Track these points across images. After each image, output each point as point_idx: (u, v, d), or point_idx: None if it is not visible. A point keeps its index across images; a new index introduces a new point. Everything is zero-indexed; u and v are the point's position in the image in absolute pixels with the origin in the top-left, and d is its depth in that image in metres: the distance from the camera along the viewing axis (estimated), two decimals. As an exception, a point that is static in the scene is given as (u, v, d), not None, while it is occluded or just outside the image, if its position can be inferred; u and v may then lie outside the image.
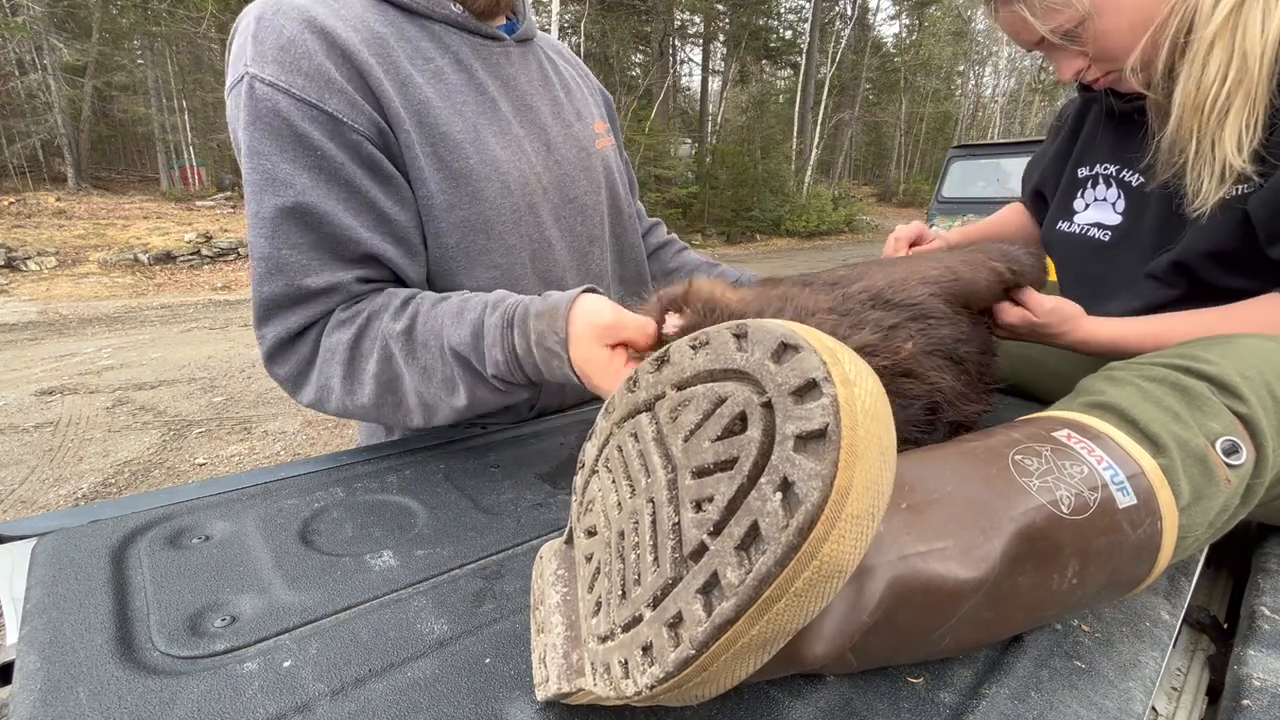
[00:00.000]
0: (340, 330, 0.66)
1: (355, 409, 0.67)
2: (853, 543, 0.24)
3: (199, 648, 0.40)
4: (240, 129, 0.64)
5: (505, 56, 0.81)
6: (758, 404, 0.27)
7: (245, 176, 0.64)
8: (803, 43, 19.73)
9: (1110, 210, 0.85)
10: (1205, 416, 0.42)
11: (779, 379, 0.26)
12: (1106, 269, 0.85)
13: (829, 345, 0.26)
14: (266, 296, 0.65)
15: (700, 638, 0.25)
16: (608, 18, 15.25)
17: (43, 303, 6.58)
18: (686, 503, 0.28)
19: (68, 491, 2.66)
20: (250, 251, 0.66)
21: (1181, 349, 0.50)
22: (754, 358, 0.28)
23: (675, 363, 0.33)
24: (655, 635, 0.27)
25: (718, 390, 0.29)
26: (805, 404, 0.25)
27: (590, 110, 0.94)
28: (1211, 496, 0.41)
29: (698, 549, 0.27)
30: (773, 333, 0.27)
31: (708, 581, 0.26)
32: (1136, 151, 0.78)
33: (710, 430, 0.28)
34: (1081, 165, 0.90)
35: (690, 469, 0.29)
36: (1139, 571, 0.40)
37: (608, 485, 0.36)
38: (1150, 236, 0.79)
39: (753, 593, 0.24)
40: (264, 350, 0.67)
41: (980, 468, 0.40)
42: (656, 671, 0.26)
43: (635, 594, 0.29)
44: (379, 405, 0.66)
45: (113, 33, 13.66)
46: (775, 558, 0.23)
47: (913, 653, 0.37)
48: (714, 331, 0.31)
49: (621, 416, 0.36)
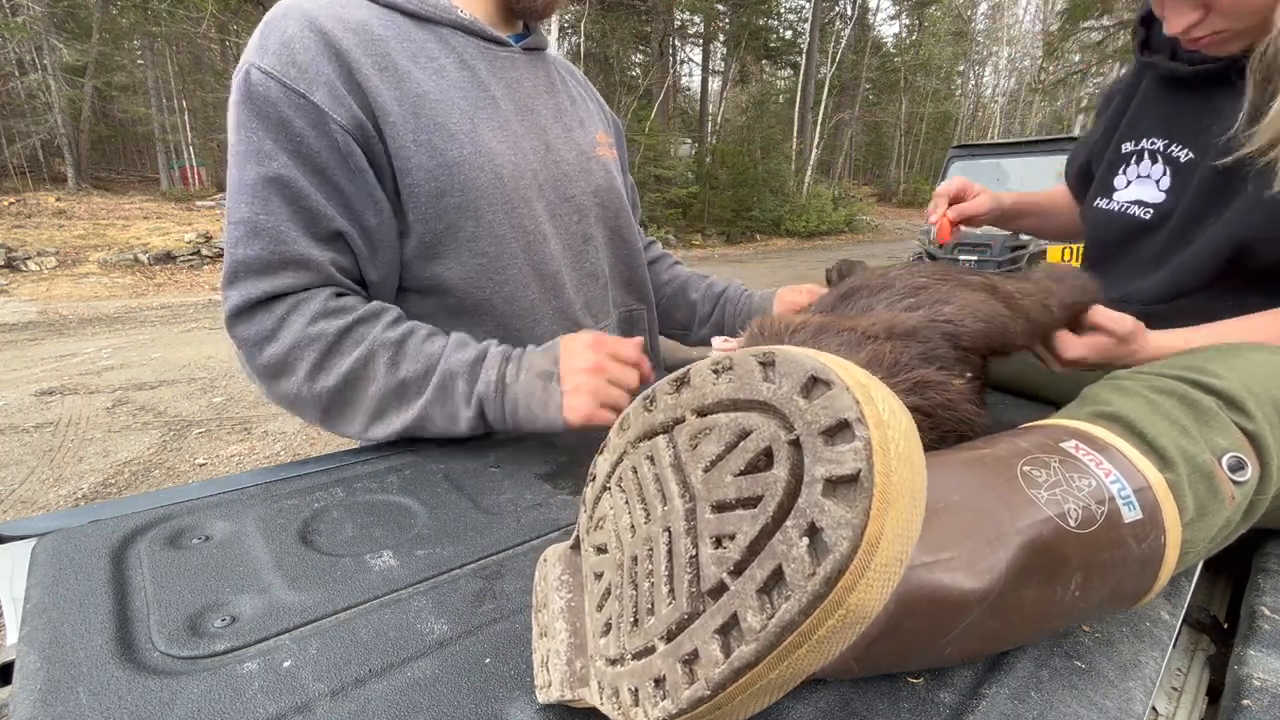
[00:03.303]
0: (328, 320, 0.68)
1: (299, 396, 0.69)
2: (880, 591, 0.23)
3: (199, 648, 0.40)
4: (232, 108, 0.68)
5: (510, 61, 0.84)
6: (785, 441, 0.25)
7: (231, 148, 0.68)
8: (803, 43, 19.72)
9: (1154, 188, 0.81)
10: (1212, 432, 0.42)
11: (808, 416, 0.25)
12: (1140, 249, 0.82)
13: (861, 382, 0.25)
14: (240, 259, 0.67)
15: (717, 679, 0.24)
16: (608, 18, 15.25)
17: (43, 303, 6.57)
18: (705, 537, 0.27)
19: (68, 492, 2.66)
20: (228, 216, 0.68)
21: (1189, 359, 0.49)
22: (781, 391, 0.27)
23: (696, 386, 0.31)
24: (669, 670, 0.27)
25: (741, 422, 0.28)
26: (836, 446, 0.24)
27: (594, 122, 0.96)
28: (1215, 513, 0.40)
29: (717, 587, 0.26)
30: (802, 365, 0.26)
31: (726, 623, 0.25)
32: (1193, 124, 0.75)
33: (733, 464, 0.27)
34: (1127, 140, 0.86)
35: (710, 502, 0.28)
36: (1141, 585, 0.40)
37: (620, 505, 0.35)
38: (1189, 214, 0.76)
39: (774, 640, 0.23)
40: (228, 309, 0.68)
41: (988, 477, 0.39)
42: (669, 706, 0.26)
43: (648, 624, 0.29)
44: (330, 399, 0.69)
45: (113, 33, 13.64)
46: (800, 606, 0.23)
47: (916, 661, 0.37)
48: (739, 358, 0.30)
49: (637, 436, 0.35)
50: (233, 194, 0.68)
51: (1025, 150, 6.12)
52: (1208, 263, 0.74)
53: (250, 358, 0.69)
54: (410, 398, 0.69)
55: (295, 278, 0.68)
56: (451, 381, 0.68)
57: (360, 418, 0.70)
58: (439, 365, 0.69)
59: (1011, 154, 6.19)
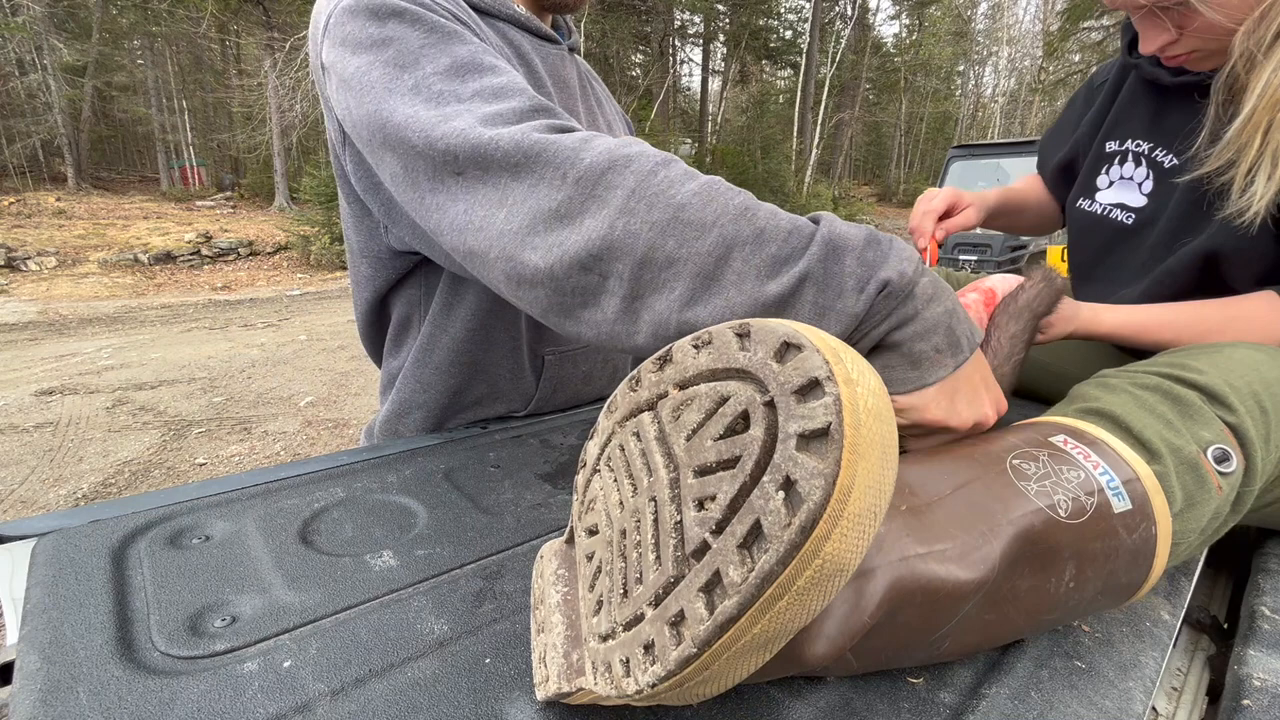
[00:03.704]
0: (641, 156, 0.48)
1: (620, 230, 0.46)
2: (855, 541, 0.24)
3: (199, 648, 0.40)
4: (377, 11, 0.57)
5: (560, 59, 0.84)
6: (760, 403, 0.27)
7: (401, 43, 0.56)
8: (803, 43, 19.73)
9: (1136, 191, 0.81)
10: (1197, 425, 0.43)
11: (781, 378, 0.26)
12: (1124, 255, 0.82)
13: (831, 345, 0.26)
14: (496, 110, 0.52)
15: (702, 636, 0.25)
16: (608, 18, 15.25)
17: (43, 303, 6.58)
18: (689, 501, 0.28)
19: (68, 491, 2.66)
20: (422, 96, 0.54)
21: (1173, 357, 0.51)
22: (756, 357, 0.28)
23: (678, 362, 0.33)
24: (657, 634, 0.27)
25: (720, 389, 0.29)
26: (808, 403, 0.25)
27: (618, 124, 0.97)
28: (1204, 503, 0.42)
29: (700, 547, 0.27)
30: (775, 332, 0.27)
31: (710, 580, 0.26)
32: (1177, 130, 0.75)
33: (713, 429, 0.28)
34: (1111, 139, 0.85)
35: (692, 468, 0.29)
36: (1135, 576, 0.40)
37: (609, 484, 0.36)
38: (1172, 224, 0.76)
39: (755, 591, 0.24)
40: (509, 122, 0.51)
41: (979, 471, 0.40)
42: (658, 670, 0.26)
43: (637, 592, 0.29)
44: (661, 234, 0.45)
45: (113, 33, 13.66)
46: (778, 556, 0.23)
47: (914, 654, 0.37)
48: (716, 331, 0.31)
49: (624, 415, 0.36)
50: (418, 89, 0.54)
51: (1025, 150, 6.13)
52: (1182, 274, 0.74)
53: (532, 154, 0.50)
54: (778, 269, 0.44)
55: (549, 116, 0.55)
56: (838, 254, 0.44)
57: (687, 280, 0.45)
58: (815, 230, 0.45)
59: (1012, 154, 6.20)
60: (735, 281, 0.45)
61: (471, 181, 0.52)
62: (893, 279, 0.44)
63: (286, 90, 11.18)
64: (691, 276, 0.46)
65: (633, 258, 0.46)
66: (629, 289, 0.47)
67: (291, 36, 11.18)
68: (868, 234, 0.46)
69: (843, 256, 0.44)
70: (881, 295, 0.44)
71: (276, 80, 11.28)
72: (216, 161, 15.72)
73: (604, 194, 0.47)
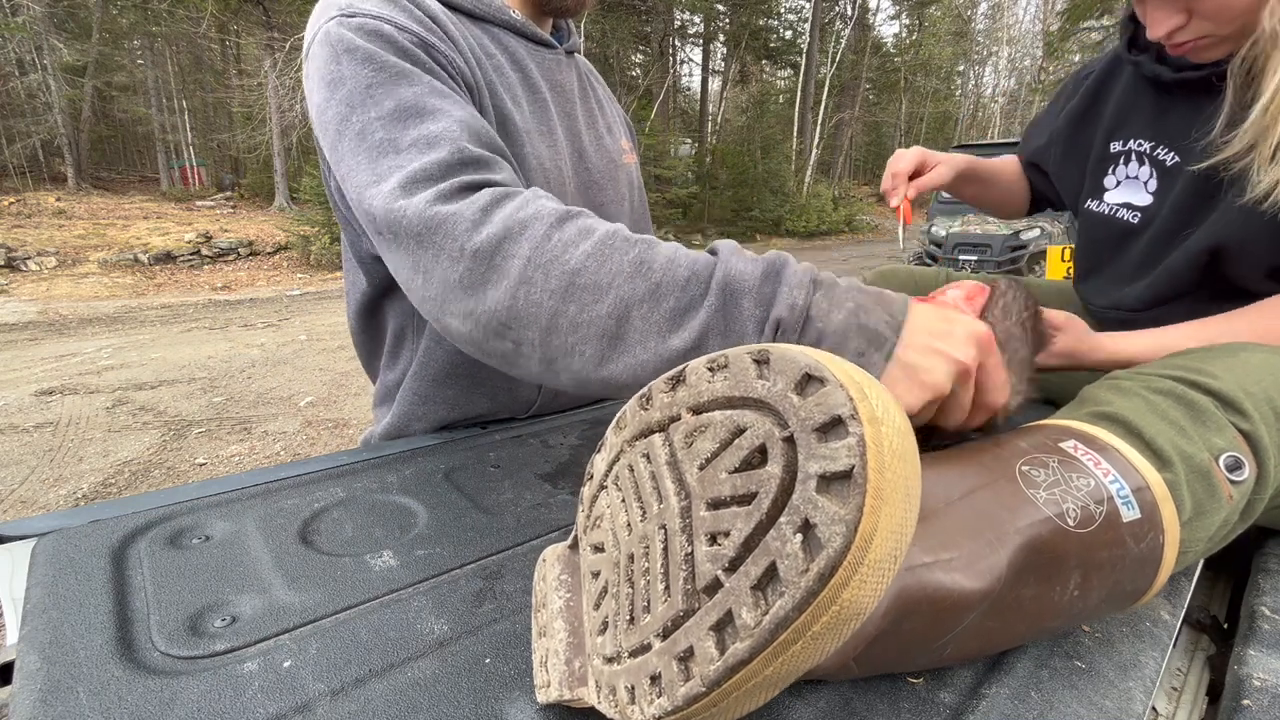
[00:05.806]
0: (574, 221, 0.52)
1: (545, 291, 0.48)
2: (874, 587, 0.23)
3: (199, 648, 0.40)
4: (336, 47, 0.59)
5: (556, 63, 0.83)
6: (779, 438, 0.26)
7: (352, 82, 0.57)
8: (803, 43, 19.72)
9: (1141, 190, 0.81)
10: (1209, 431, 0.42)
11: (802, 413, 0.25)
12: (1130, 255, 0.82)
13: (855, 378, 0.25)
14: (421, 166, 0.53)
15: (712, 676, 0.24)
16: (608, 18, 15.24)
17: (43, 303, 6.57)
18: (700, 534, 0.27)
19: (68, 491, 2.66)
20: (365, 144, 0.56)
21: (1186, 360, 0.49)
22: (776, 388, 0.27)
23: (691, 384, 0.32)
24: (664, 667, 0.27)
25: (736, 419, 0.28)
26: (830, 442, 0.24)
27: (619, 127, 0.97)
28: (1213, 512, 0.41)
29: (711, 584, 0.26)
30: (796, 362, 0.26)
31: (721, 619, 0.25)
32: (1178, 127, 0.75)
33: (727, 461, 0.27)
34: (1115, 139, 0.85)
35: (705, 499, 0.28)
36: (1140, 585, 0.40)
37: (617, 504, 0.35)
38: (1174, 218, 0.76)
39: (769, 636, 0.23)
40: (430, 191, 0.52)
41: (989, 477, 0.39)
42: (665, 704, 0.26)
43: (644, 621, 0.29)
44: (561, 300, 0.48)
45: (113, 33, 13.66)
46: (794, 602, 0.23)
47: (915, 661, 0.37)
48: (734, 355, 0.30)
49: (633, 434, 0.35)
50: (372, 125, 0.56)
51: (1027, 151, 6.11)
52: (1187, 269, 0.74)
53: (464, 234, 0.53)
54: (682, 318, 0.47)
55: (487, 174, 0.57)
56: (735, 299, 0.46)
57: (595, 341, 0.48)
58: (712, 272, 0.47)
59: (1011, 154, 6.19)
60: (639, 340, 0.47)
61: (395, 246, 0.55)
62: (784, 317, 0.45)
63: (286, 90, 11.18)
64: (597, 339, 0.48)
65: (539, 326, 0.49)
66: (542, 354, 0.50)
67: (291, 36, 11.18)
68: (765, 267, 0.47)
69: (740, 300, 0.46)
70: (779, 334, 0.45)
71: (276, 80, 11.27)
72: (216, 161, 15.71)
73: (502, 264, 0.50)
